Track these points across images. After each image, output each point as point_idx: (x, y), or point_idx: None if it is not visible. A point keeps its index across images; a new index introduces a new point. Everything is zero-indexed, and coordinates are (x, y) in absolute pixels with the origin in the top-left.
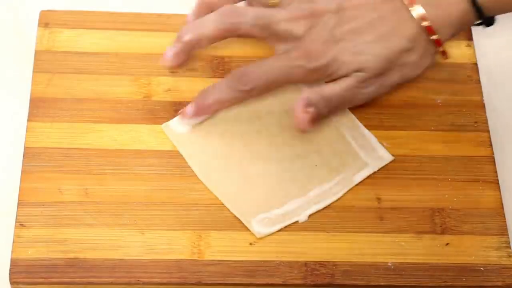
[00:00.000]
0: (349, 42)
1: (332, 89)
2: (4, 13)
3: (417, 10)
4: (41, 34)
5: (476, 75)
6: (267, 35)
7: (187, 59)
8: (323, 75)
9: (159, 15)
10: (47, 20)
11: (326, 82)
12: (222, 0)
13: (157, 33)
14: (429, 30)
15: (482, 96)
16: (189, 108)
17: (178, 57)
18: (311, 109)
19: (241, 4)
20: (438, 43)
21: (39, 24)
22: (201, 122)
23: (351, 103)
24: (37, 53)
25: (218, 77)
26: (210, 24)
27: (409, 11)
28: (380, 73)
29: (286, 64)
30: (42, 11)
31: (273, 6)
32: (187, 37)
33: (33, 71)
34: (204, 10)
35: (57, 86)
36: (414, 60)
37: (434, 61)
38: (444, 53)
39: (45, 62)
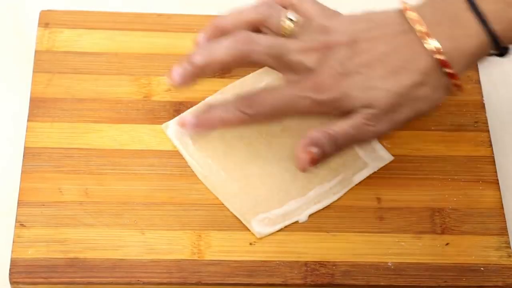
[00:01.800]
0: (359, 76)
1: (339, 127)
2: (4, 13)
3: (432, 44)
4: (41, 34)
5: (476, 75)
6: (279, 64)
7: (194, 81)
8: (330, 108)
9: (159, 15)
10: (47, 20)
11: (334, 116)
12: (236, 26)
13: (157, 33)
14: (443, 64)
15: (482, 96)
16: (190, 120)
17: (185, 78)
18: (315, 149)
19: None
20: (452, 76)
21: (39, 24)
22: None
23: (360, 141)
24: (37, 53)
25: (218, 77)
26: (222, 49)
27: (423, 44)
28: (390, 109)
29: (293, 93)
30: (42, 11)
31: (286, 36)
32: (197, 60)
33: (33, 71)
34: (216, 33)
35: (57, 86)
36: (426, 94)
37: (448, 94)
38: (459, 87)
39: (45, 62)
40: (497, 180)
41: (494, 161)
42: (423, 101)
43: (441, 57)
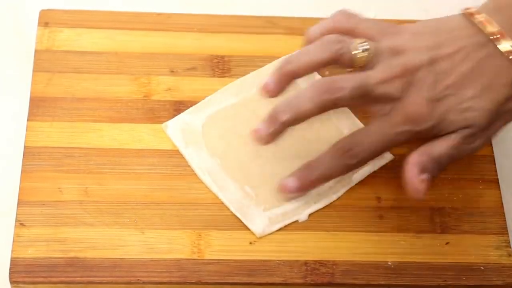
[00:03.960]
0: (451, 98)
1: (440, 149)
2: (4, 13)
3: (507, 45)
4: (41, 33)
5: None
6: (364, 102)
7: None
8: (429, 135)
9: (159, 14)
10: (47, 20)
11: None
12: (307, 71)
13: (157, 33)
14: None
15: None
16: (291, 182)
17: (273, 136)
18: (425, 176)
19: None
20: None
21: (39, 24)
22: (201, 123)
23: (458, 158)
24: (37, 52)
25: (218, 77)
26: (307, 102)
27: (502, 56)
28: (487, 126)
29: (391, 131)
30: (42, 10)
31: (361, 67)
32: (284, 118)
33: (33, 71)
34: (286, 80)
35: (57, 85)
36: None
37: None
38: None
39: (45, 61)
40: (497, 179)
41: (494, 160)
42: None
43: None
